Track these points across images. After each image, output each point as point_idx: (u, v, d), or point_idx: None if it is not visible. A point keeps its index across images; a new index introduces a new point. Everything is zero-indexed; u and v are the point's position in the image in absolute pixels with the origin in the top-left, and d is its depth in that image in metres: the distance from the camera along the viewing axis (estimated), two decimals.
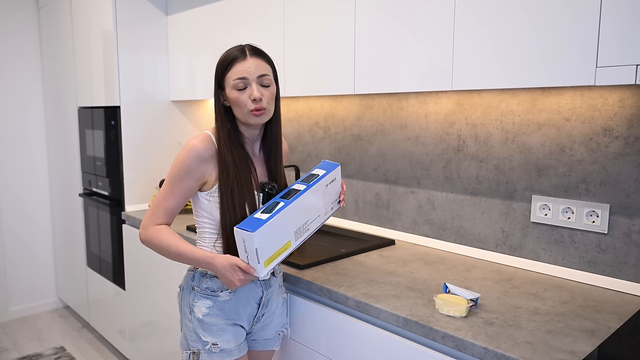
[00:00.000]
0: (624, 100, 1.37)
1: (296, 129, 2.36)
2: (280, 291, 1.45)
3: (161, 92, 2.66)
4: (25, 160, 3.35)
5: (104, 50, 2.59)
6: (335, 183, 1.35)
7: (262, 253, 1.16)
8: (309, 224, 1.29)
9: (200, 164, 1.27)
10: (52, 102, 3.29)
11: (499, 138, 1.64)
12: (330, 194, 1.34)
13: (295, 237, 1.25)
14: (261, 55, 1.28)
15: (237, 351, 1.34)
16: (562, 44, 1.19)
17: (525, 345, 1.05)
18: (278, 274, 1.45)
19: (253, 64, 1.24)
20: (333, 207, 1.38)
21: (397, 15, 1.54)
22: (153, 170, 2.65)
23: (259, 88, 1.24)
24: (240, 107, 1.25)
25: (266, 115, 1.28)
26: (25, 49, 3.29)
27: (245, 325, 1.37)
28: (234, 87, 1.24)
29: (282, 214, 1.19)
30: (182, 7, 2.50)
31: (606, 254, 1.43)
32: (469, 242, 1.75)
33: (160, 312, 2.26)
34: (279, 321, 1.46)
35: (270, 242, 1.18)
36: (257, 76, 1.24)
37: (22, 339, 3.09)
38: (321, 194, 1.30)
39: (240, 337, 1.36)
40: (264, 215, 1.18)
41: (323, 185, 1.30)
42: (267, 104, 1.26)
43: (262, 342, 1.43)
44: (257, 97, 1.23)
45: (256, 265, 1.17)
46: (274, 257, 1.20)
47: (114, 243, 2.67)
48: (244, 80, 1.23)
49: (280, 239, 1.21)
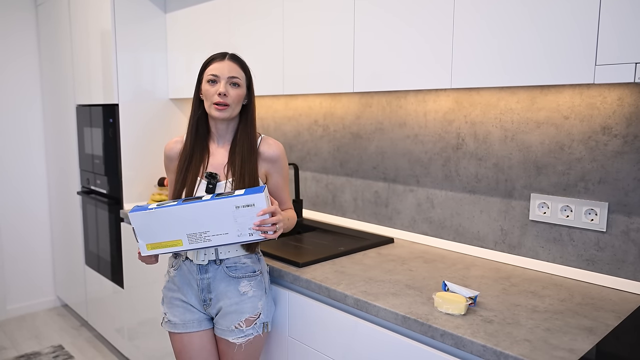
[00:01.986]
0: (623, 98, 1.37)
1: (295, 127, 2.36)
2: (232, 282, 1.44)
3: (160, 89, 2.65)
4: (24, 158, 3.35)
5: (102, 47, 2.58)
6: (252, 209, 1.27)
7: (139, 234, 1.32)
8: (210, 235, 1.30)
9: (171, 160, 1.54)
10: (50, 100, 3.28)
11: (498, 136, 1.64)
12: (246, 217, 1.28)
13: (189, 240, 1.31)
14: (238, 61, 1.47)
15: (182, 326, 1.49)
16: (561, 42, 1.19)
17: (524, 343, 1.05)
18: (220, 264, 1.44)
19: (227, 66, 1.43)
20: (252, 234, 1.29)
21: (397, 14, 1.53)
22: (151, 168, 2.64)
23: (227, 86, 1.41)
24: (207, 99, 1.43)
25: (227, 112, 1.42)
26: (23, 47, 3.28)
27: (196, 305, 1.49)
28: (206, 81, 1.43)
29: (167, 210, 1.29)
30: (180, 4, 2.49)
31: (605, 252, 1.43)
32: (467, 241, 1.75)
33: (159, 310, 2.26)
34: (236, 316, 1.44)
35: (153, 230, 1.31)
36: (228, 76, 1.42)
37: (20, 337, 3.09)
38: (229, 213, 1.27)
39: (189, 316, 1.49)
40: (157, 205, 1.32)
41: (231, 204, 1.26)
42: (232, 102, 1.42)
43: (219, 330, 1.48)
44: (222, 91, 1.40)
45: (139, 243, 1.33)
46: (158, 245, 1.33)
47: (112, 241, 2.66)
48: (216, 77, 1.42)
49: (166, 233, 1.31)
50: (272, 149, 1.48)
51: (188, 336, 1.49)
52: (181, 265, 1.49)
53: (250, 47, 2.06)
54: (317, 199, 2.29)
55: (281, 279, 1.56)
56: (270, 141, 1.50)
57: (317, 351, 1.45)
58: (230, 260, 1.45)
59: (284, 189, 1.53)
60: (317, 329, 1.44)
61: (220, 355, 1.52)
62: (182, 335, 1.49)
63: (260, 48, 2.03)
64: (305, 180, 2.33)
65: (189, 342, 1.49)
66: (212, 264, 1.45)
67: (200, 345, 1.49)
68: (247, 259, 1.47)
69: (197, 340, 1.49)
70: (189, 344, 1.49)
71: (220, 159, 1.48)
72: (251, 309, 1.46)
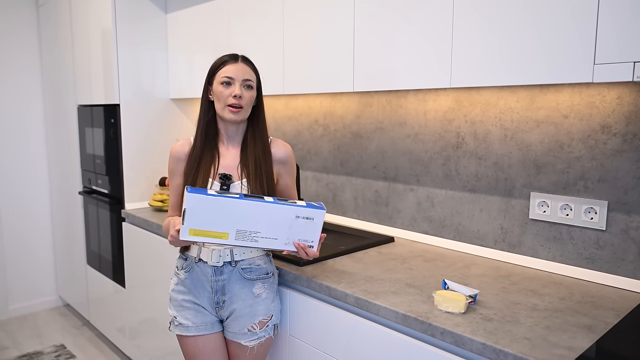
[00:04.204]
0: (622, 97, 1.37)
1: (295, 127, 2.36)
2: (246, 284, 1.44)
3: (160, 90, 2.66)
4: (25, 158, 3.35)
5: (103, 48, 2.59)
6: (311, 223, 1.30)
7: (189, 217, 1.24)
8: (259, 236, 1.29)
9: (177, 163, 1.50)
10: (52, 100, 3.29)
11: (498, 135, 1.64)
12: (300, 229, 1.30)
13: (236, 235, 1.28)
14: (250, 64, 1.47)
15: (194, 329, 1.46)
16: (560, 41, 1.20)
17: (523, 341, 1.06)
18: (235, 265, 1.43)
19: (242, 69, 1.43)
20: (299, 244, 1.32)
21: (397, 14, 1.54)
22: (153, 168, 2.65)
23: (242, 88, 1.41)
24: (221, 101, 1.42)
25: (241, 115, 1.42)
26: (24, 48, 3.29)
27: (208, 308, 1.47)
28: (220, 83, 1.42)
29: (226, 200, 1.25)
30: (181, 5, 2.50)
31: (604, 250, 1.44)
32: (468, 239, 1.75)
33: (161, 309, 2.27)
34: (250, 318, 1.44)
35: (204, 216, 1.25)
36: (242, 79, 1.42)
37: (22, 337, 3.10)
38: (287, 220, 1.28)
39: (202, 318, 1.47)
40: (216, 193, 1.28)
41: (292, 213, 1.28)
42: (245, 104, 1.42)
43: (230, 333, 1.47)
44: (238, 94, 1.40)
45: (182, 226, 1.25)
46: (202, 233, 1.27)
47: (114, 241, 2.67)
48: (230, 79, 1.41)
49: (216, 222, 1.26)
50: (283, 150, 1.50)
51: (202, 339, 1.46)
52: (193, 267, 1.46)
53: (250, 46, 2.07)
54: (317, 198, 2.29)
55: (282, 278, 1.57)
56: (280, 143, 1.51)
57: (317, 350, 1.45)
58: (245, 261, 1.44)
59: (293, 188, 1.56)
60: (318, 328, 1.45)
61: (231, 357, 1.50)
62: (196, 338, 1.46)
63: (260, 48, 2.04)
64: (306, 179, 2.34)
65: (203, 345, 1.46)
66: (227, 265, 1.43)
67: (214, 347, 1.47)
68: (260, 260, 1.47)
69: (210, 342, 1.47)
70: (203, 347, 1.46)
71: (231, 159, 1.47)
72: (265, 311, 1.46)
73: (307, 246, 1.32)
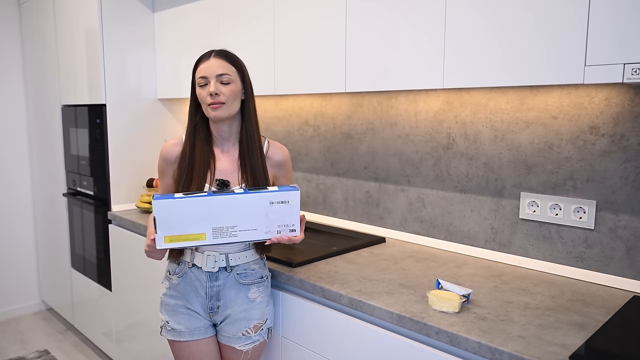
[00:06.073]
0: (610, 98, 1.40)
1: (285, 128, 2.36)
2: (242, 289, 1.42)
3: (147, 89, 2.63)
4: (7, 159, 3.28)
5: (88, 47, 2.55)
6: (288, 206, 1.28)
7: (161, 224, 1.23)
8: (237, 230, 1.27)
9: (168, 164, 1.45)
10: (35, 100, 3.22)
11: (488, 136, 1.66)
12: (278, 215, 1.28)
13: (214, 234, 1.26)
14: (225, 56, 1.39)
15: (188, 334, 1.43)
16: (551, 43, 1.21)
17: (517, 339, 1.07)
18: (231, 271, 1.41)
19: (214, 64, 1.37)
20: (280, 232, 1.30)
21: (388, 15, 1.54)
22: (139, 169, 2.61)
23: (217, 85, 1.35)
24: (203, 102, 1.38)
25: (224, 111, 1.37)
26: (5, 46, 3.21)
27: (201, 313, 1.44)
28: (198, 85, 1.39)
29: (194, 200, 1.23)
30: (169, 4, 2.47)
31: (593, 249, 1.46)
32: (459, 239, 1.77)
33: (148, 312, 2.24)
34: (244, 323, 1.43)
35: (175, 221, 1.23)
36: (216, 74, 1.36)
37: (5, 342, 3.02)
38: (262, 208, 1.27)
39: (195, 323, 1.44)
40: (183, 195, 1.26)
41: (266, 200, 1.26)
42: (227, 99, 1.37)
43: (224, 337, 1.46)
44: (212, 91, 1.34)
45: (157, 235, 1.24)
46: (178, 238, 1.24)
47: (99, 243, 2.62)
48: (204, 79, 1.37)
49: (190, 225, 1.24)
50: (280, 153, 1.48)
51: (195, 344, 1.44)
52: (187, 273, 1.42)
53: (240, 45, 2.05)
54: (307, 199, 2.29)
55: (274, 280, 1.56)
56: (278, 145, 1.49)
57: (311, 351, 1.45)
58: (240, 267, 1.42)
59: None
60: (312, 329, 1.44)
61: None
62: (190, 343, 1.44)
63: (250, 47, 2.03)
64: (296, 180, 2.33)
65: (197, 349, 1.44)
66: (223, 271, 1.41)
67: (208, 352, 1.45)
68: (255, 264, 1.45)
69: (204, 347, 1.45)
70: (197, 351, 1.44)
71: (228, 163, 1.43)
72: (259, 315, 1.44)
73: (290, 230, 1.30)
